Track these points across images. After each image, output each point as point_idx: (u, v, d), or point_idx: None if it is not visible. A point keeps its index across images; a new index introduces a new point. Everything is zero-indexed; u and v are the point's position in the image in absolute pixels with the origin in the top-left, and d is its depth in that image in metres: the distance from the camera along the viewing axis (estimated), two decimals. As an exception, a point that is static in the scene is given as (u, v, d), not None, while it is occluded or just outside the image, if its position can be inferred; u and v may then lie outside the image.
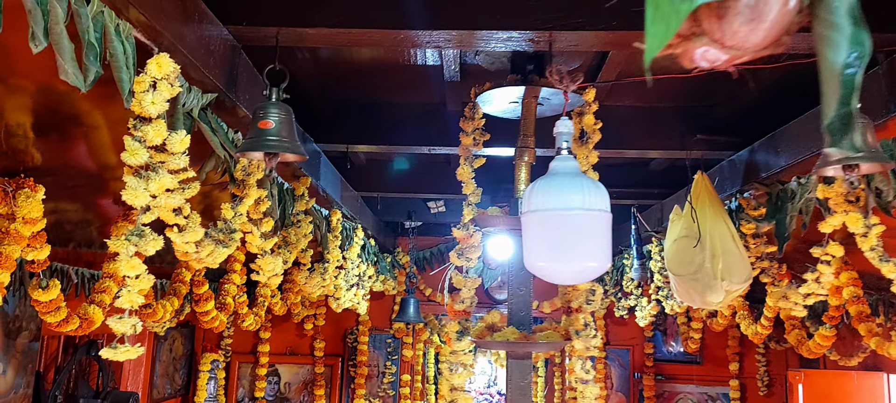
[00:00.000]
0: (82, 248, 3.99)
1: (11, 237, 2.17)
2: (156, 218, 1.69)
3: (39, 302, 2.45)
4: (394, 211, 5.81)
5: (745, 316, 5.08)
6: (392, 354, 6.75)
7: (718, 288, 2.97)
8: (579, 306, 2.49)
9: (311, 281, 3.32)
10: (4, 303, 3.59)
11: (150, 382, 5.59)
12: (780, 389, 6.62)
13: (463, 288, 2.53)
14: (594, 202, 1.83)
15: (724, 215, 3.08)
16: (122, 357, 1.52)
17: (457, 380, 2.47)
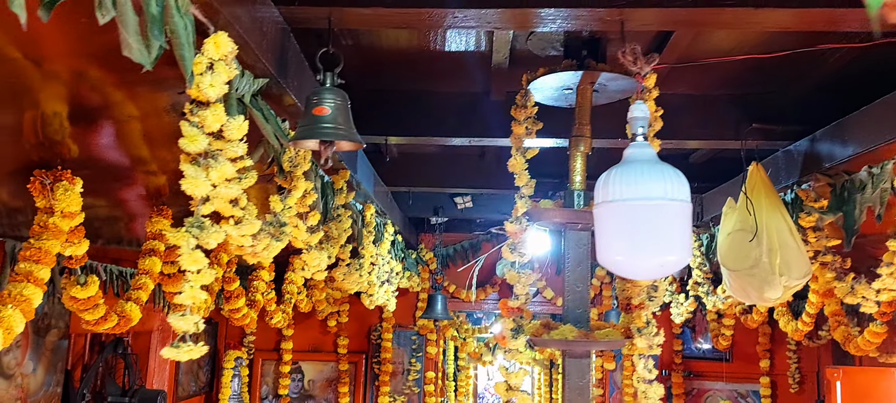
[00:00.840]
0: (110, 245, 3.91)
1: (50, 231, 2.08)
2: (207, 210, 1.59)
3: (77, 299, 2.36)
4: (419, 207, 5.70)
5: (783, 313, 4.95)
6: (416, 351, 6.65)
7: (777, 284, 2.84)
8: (641, 302, 2.37)
9: (350, 278, 3.22)
10: (33, 301, 3.51)
11: (175, 380, 5.52)
12: (811, 386, 6.47)
13: (517, 284, 2.42)
14: (676, 191, 1.72)
15: (781, 208, 2.95)
16: (184, 356, 1.42)
17: (514, 379, 2.36)
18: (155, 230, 2.84)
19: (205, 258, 1.43)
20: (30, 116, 2.11)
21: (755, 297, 2.92)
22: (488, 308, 6.95)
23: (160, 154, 2.64)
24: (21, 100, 2.00)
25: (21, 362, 3.52)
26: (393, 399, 6.55)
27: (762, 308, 5.23)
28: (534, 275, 2.44)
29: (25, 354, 3.55)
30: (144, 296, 2.73)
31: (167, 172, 2.84)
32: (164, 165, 2.75)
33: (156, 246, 2.82)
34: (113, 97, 2.03)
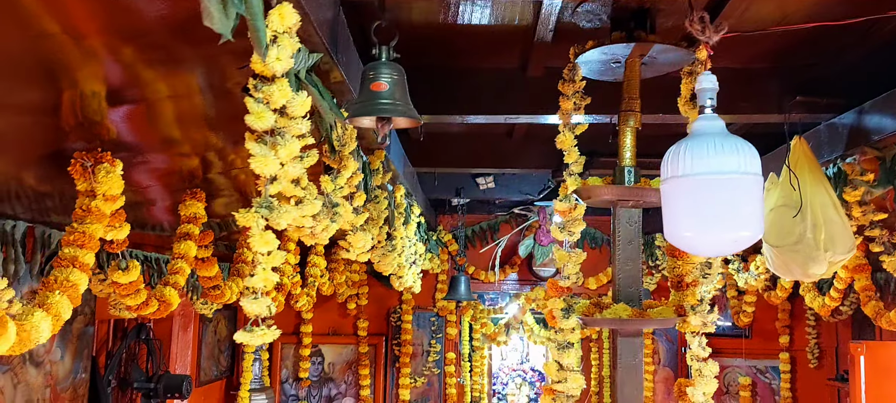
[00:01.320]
0: (133, 230, 3.86)
1: (93, 215, 2.03)
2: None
3: (119, 284, 2.31)
4: (441, 189, 5.65)
5: (809, 289, 4.90)
6: (436, 332, 6.63)
7: (821, 260, 2.79)
8: (694, 280, 2.32)
9: (386, 259, 3.18)
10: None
11: (197, 365, 5.50)
12: (830, 362, 6.45)
13: (568, 263, 2.37)
14: (749, 164, 1.66)
15: (824, 182, 2.89)
16: (257, 340, 1.38)
17: (566, 359, 2.31)
18: (189, 213, 2.79)
19: (275, 239, 1.38)
20: (68, 96, 2.06)
21: (799, 273, 2.87)
22: (508, 288, 6.92)
23: (192, 135, 2.59)
24: (57, 79, 1.94)
25: (49, 349, 3.49)
26: (413, 381, 6.54)
27: (787, 284, 5.18)
28: (584, 254, 2.39)
29: (53, 341, 3.53)
30: (182, 281, 2.69)
31: (200, 154, 2.79)
32: (197, 147, 2.70)
33: (190, 230, 2.78)
34: (142, 77, 1.97)
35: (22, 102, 1.92)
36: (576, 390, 2.30)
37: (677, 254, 2.40)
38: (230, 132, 2.54)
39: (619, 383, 2.28)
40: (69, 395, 3.66)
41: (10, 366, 3.17)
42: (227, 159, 2.88)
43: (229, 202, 3.52)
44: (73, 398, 3.70)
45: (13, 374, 3.20)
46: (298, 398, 6.50)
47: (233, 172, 3.09)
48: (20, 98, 1.92)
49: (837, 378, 6.23)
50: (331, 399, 6.59)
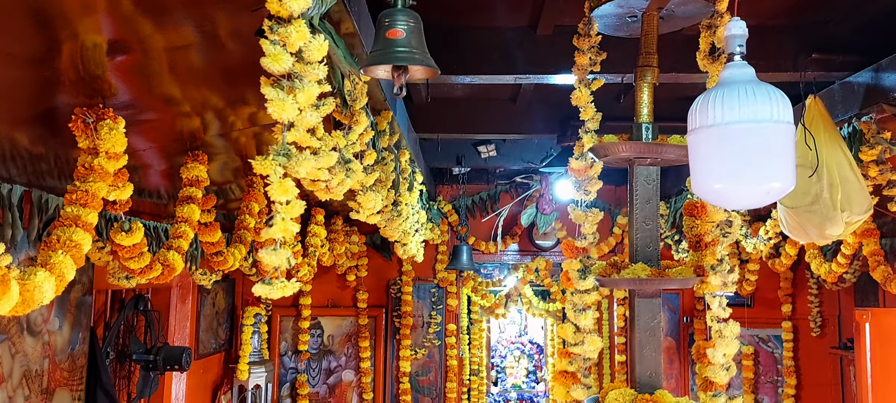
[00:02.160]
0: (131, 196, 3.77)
1: (96, 173, 1.95)
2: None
3: (122, 246, 2.24)
4: (442, 157, 5.57)
5: (815, 255, 4.88)
6: (436, 304, 6.59)
7: (838, 220, 2.75)
8: (714, 239, 2.26)
9: (392, 224, 3.11)
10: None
11: (195, 337, 5.45)
12: (832, 329, 6.46)
13: (585, 223, 2.31)
14: (782, 113, 1.59)
15: (840, 142, 2.84)
16: (277, 293, 1.31)
17: (583, 321, 2.26)
18: (191, 176, 2.72)
19: (294, 188, 1.31)
20: (66, 48, 1.97)
21: (815, 235, 2.83)
22: (508, 259, 6.87)
23: (192, 93, 2.50)
24: (53, 28, 1.85)
25: (47, 318, 3.42)
26: (414, 352, 6.52)
27: (791, 251, 5.16)
28: (600, 214, 2.32)
29: (51, 310, 3.46)
30: (185, 245, 2.62)
31: (199, 113, 2.70)
32: (196, 106, 2.61)
33: (193, 193, 2.70)
34: (141, 31, 1.88)
35: (16, 52, 1.83)
36: (593, 352, 2.25)
37: (696, 213, 2.35)
38: (230, 90, 2.47)
39: (637, 345, 2.23)
40: (68, 366, 3.61)
41: (7, 336, 3.11)
42: (227, 121, 2.80)
43: (225, 168, 3.45)
44: (71, 368, 3.64)
45: (10, 344, 3.13)
46: (298, 370, 6.47)
47: (233, 135, 3.01)
48: (14, 48, 1.83)
49: (840, 346, 6.24)
50: (330, 371, 6.57)
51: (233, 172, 3.59)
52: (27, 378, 3.25)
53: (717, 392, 2.18)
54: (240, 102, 2.65)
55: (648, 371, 2.23)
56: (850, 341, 6.00)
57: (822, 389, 6.41)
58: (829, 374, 6.42)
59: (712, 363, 2.18)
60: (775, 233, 3.99)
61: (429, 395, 6.50)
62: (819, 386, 6.41)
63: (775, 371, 6.55)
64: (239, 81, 2.42)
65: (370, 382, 6.43)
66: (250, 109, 2.69)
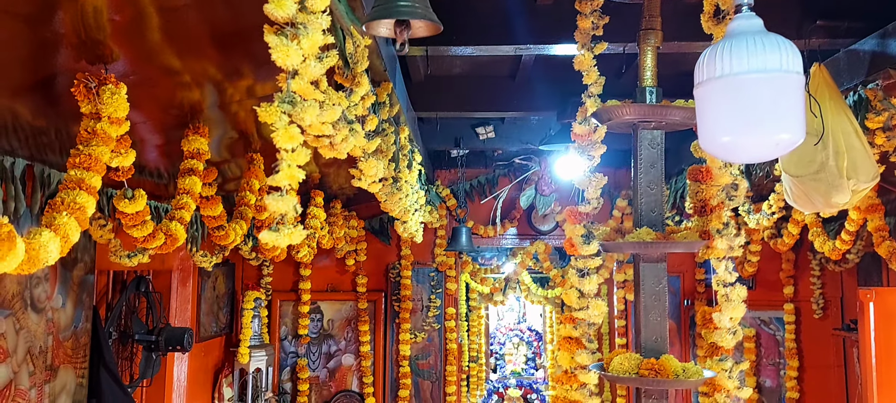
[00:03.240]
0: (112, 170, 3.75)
1: (99, 137, 1.94)
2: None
3: (125, 214, 2.23)
4: (440, 139, 5.55)
5: (818, 233, 4.87)
6: (436, 287, 6.59)
7: (844, 188, 2.74)
8: (719, 203, 2.25)
9: (393, 198, 3.10)
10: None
11: (196, 320, 5.44)
12: (834, 311, 6.47)
13: (588, 188, 2.30)
14: (792, 63, 1.58)
15: (845, 109, 2.83)
16: (284, 241, 1.30)
17: (587, 286, 2.26)
18: (192, 149, 2.70)
19: (299, 134, 1.30)
20: (68, 9, 1.95)
21: (821, 203, 2.82)
22: (507, 243, 6.86)
23: (192, 64, 2.49)
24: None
25: (50, 295, 3.41)
26: (414, 336, 6.51)
27: (794, 230, 5.16)
28: (604, 179, 2.32)
29: (54, 288, 3.45)
30: (187, 216, 2.61)
31: (200, 85, 2.69)
32: (197, 76, 2.60)
33: (194, 165, 2.68)
34: None
35: (14, 10, 1.81)
36: (598, 317, 2.25)
37: (701, 178, 2.34)
38: (228, 59, 2.45)
39: (643, 310, 2.23)
40: (71, 344, 3.60)
41: (11, 311, 3.10)
42: (226, 93, 2.78)
43: (223, 146, 3.43)
44: (75, 346, 3.63)
45: (15, 320, 3.12)
46: (298, 354, 6.47)
47: (231, 108, 2.99)
48: (12, 5, 1.81)
49: (843, 328, 6.24)
50: (330, 355, 6.57)
51: (230, 149, 3.57)
52: (32, 355, 3.25)
53: (724, 357, 2.18)
54: (236, 75, 2.64)
55: (654, 336, 2.22)
56: (854, 322, 6.01)
57: (824, 371, 6.42)
58: (831, 356, 6.42)
59: (718, 327, 2.17)
60: (779, 208, 3.98)
61: (429, 378, 6.51)
62: (821, 368, 6.42)
63: (777, 354, 6.56)
64: (237, 50, 2.40)
65: (370, 366, 6.43)
66: (247, 82, 2.67)
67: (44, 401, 3.36)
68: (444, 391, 6.48)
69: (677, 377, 2.07)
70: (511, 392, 9.60)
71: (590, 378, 2.21)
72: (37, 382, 3.29)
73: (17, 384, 3.16)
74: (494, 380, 10.15)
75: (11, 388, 3.12)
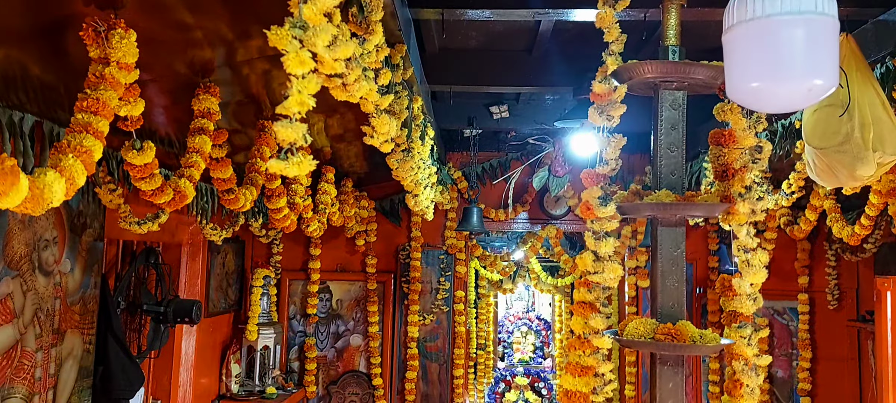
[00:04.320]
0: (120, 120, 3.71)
1: (107, 82, 1.89)
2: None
3: (134, 165, 2.19)
4: (452, 116, 5.49)
5: (836, 219, 4.78)
6: (445, 270, 6.54)
7: (870, 160, 2.66)
8: (744, 165, 2.19)
9: (405, 166, 3.05)
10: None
11: (206, 295, 5.42)
12: (849, 302, 6.37)
13: (607, 147, 2.24)
14: (826, 5, 1.51)
15: (873, 81, 2.74)
16: (292, 170, 1.25)
17: (603, 249, 2.20)
18: (202, 108, 2.66)
19: (310, 60, 1.25)
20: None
21: (845, 176, 2.74)
22: (518, 227, 6.80)
23: (204, 22, 2.44)
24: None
25: (58, 259, 3.39)
26: (422, 318, 6.47)
27: (811, 216, 5.07)
28: (624, 139, 2.25)
29: (63, 252, 3.42)
30: (197, 174, 2.57)
31: (213, 44, 2.64)
32: (209, 35, 2.55)
33: (204, 124, 2.64)
34: None
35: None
36: (613, 280, 2.19)
37: (723, 142, 2.27)
38: (238, 18, 2.41)
39: (660, 275, 2.17)
40: (79, 309, 3.58)
41: (18, 272, 3.07)
42: (236, 52, 2.74)
43: (231, 114, 3.39)
44: (82, 312, 3.61)
45: (22, 280, 3.10)
46: (306, 333, 6.45)
47: (244, 71, 2.95)
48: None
49: (859, 319, 6.15)
50: (339, 335, 6.54)
51: (240, 118, 3.53)
52: (38, 317, 3.23)
53: (743, 324, 2.11)
54: (245, 36, 2.59)
55: (671, 302, 2.16)
56: (869, 314, 5.91)
57: (838, 363, 6.32)
58: (845, 348, 6.33)
59: (739, 293, 2.11)
60: (798, 187, 3.90)
61: (437, 361, 6.47)
62: (835, 360, 6.32)
63: (790, 344, 6.47)
64: (247, 11, 2.36)
65: (378, 346, 6.40)
66: (258, 42, 2.63)
67: (50, 365, 3.34)
68: (451, 373, 6.44)
69: (694, 342, 2.01)
70: (519, 380, 9.55)
71: (604, 343, 2.16)
72: (43, 345, 3.27)
73: (24, 345, 3.14)
74: (502, 368, 10.11)
75: (18, 349, 3.10)
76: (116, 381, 3.82)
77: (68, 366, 3.50)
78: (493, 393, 9.57)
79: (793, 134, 3.61)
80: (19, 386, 3.11)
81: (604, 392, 2.16)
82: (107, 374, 3.81)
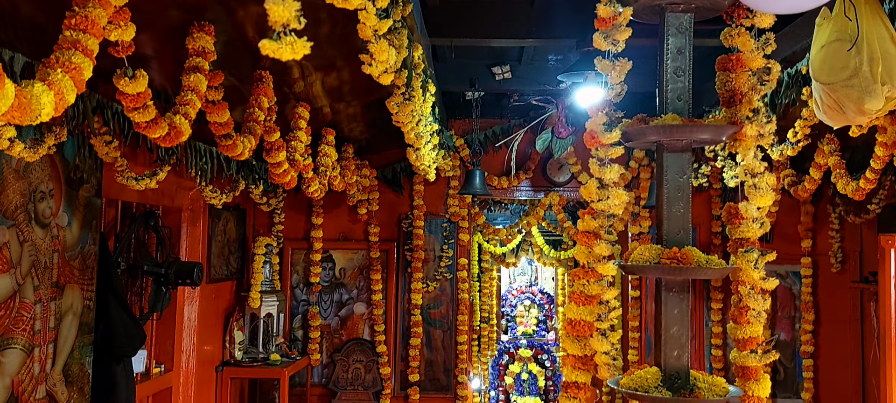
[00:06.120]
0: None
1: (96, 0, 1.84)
2: None
3: (126, 95, 2.14)
4: (454, 77, 5.42)
5: (841, 175, 4.73)
6: (448, 238, 6.51)
7: (878, 93, 2.60)
8: (750, 87, 2.13)
9: (405, 110, 3.00)
10: (63, 147, 3.32)
11: (207, 261, 5.40)
12: (853, 265, 6.34)
13: (612, 73, 2.18)
14: None
15: (882, 15, 2.68)
16: (286, 52, 1.20)
17: (608, 175, 2.15)
18: (197, 46, 2.60)
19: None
20: None
21: (852, 110, 2.68)
22: (521, 194, 6.75)
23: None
24: None
25: (55, 212, 3.36)
26: (426, 286, 6.45)
27: (816, 175, 5.02)
28: (629, 63, 2.20)
29: (60, 205, 3.39)
30: (193, 112, 2.52)
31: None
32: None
33: (199, 63, 2.59)
34: None
35: None
36: (618, 207, 2.14)
37: (730, 67, 2.22)
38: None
39: (665, 202, 2.12)
40: (79, 264, 3.55)
41: (14, 222, 3.04)
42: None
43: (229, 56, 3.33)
44: (82, 267, 3.58)
45: (18, 230, 3.07)
46: (309, 302, 6.43)
47: (238, 14, 2.90)
48: None
49: (862, 280, 6.12)
50: (342, 303, 6.52)
51: (238, 74, 3.48)
52: (36, 269, 3.20)
53: (750, 248, 2.07)
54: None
55: (677, 229, 2.12)
56: (872, 275, 5.87)
57: (841, 325, 6.31)
58: (848, 310, 6.31)
59: (745, 216, 2.06)
60: (804, 135, 3.84)
61: (440, 327, 6.45)
62: (838, 322, 6.31)
63: (792, 307, 6.45)
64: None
65: (382, 314, 6.39)
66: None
67: (50, 318, 3.32)
68: (455, 340, 6.43)
69: (700, 266, 1.97)
70: (522, 352, 9.55)
71: (608, 270, 2.12)
72: (42, 297, 3.25)
73: (22, 296, 3.11)
74: (505, 341, 10.11)
75: (16, 300, 3.07)
76: (118, 338, 3.79)
77: (68, 321, 3.47)
78: (496, 365, 9.58)
79: (799, 81, 3.55)
80: (19, 337, 3.09)
81: (608, 318, 2.12)
82: (108, 331, 3.78)
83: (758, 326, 2.08)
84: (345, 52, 3.70)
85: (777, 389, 6.28)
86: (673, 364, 2.06)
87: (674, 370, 2.05)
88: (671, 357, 2.06)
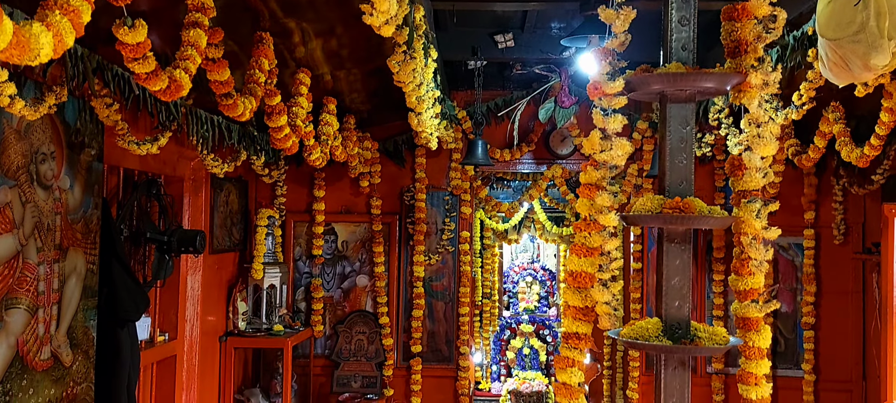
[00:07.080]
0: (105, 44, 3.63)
1: (94, -57, 1.82)
2: None
3: (126, 45, 2.13)
4: (455, 45, 5.38)
5: (846, 142, 4.71)
6: (450, 211, 6.51)
7: (885, 49, 2.58)
8: (756, 36, 2.11)
9: (406, 69, 2.98)
10: (64, 109, 3.31)
11: (210, 231, 5.40)
12: (855, 237, 6.32)
13: (615, 22, 2.16)
14: None
15: (888, -32, 2.65)
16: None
17: (611, 125, 2.14)
18: (197, 2, 2.58)
19: None
20: None
21: (859, 66, 2.66)
22: (523, 167, 6.74)
23: None
24: None
25: (57, 175, 3.36)
26: (428, 259, 6.46)
27: (820, 143, 5.00)
28: (633, 12, 2.17)
29: (61, 168, 3.39)
30: (193, 67, 2.51)
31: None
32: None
33: (199, 19, 2.58)
34: None
35: None
36: (621, 158, 2.13)
37: (736, 16, 2.19)
38: None
39: (668, 154, 2.11)
40: (81, 228, 3.55)
41: (16, 182, 3.04)
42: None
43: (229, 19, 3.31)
44: (84, 232, 3.59)
45: (20, 191, 3.07)
46: (312, 275, 6.45)
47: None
48: None
49: (864, 251, 6.11)
50: (345, 276, 6.54)
51: (237, 40, 3.46)
52: (39, 231, 3.20)
53: (753, 199, 2.06)
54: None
55: (680, 180, 2.11)
56: (875, 245, 5.87)
57: (842, 297, 6.30)
58: (850, 282, 6.30)
59: (748, 166, 2.05)
60: (809, 97, 3.82)
61: (442, 299, 6.47)
62: (840, 294, 6.30)
63: (794, 279, 6.44)
64: None
65: (384, 286, 6.40)
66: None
67: (53, 280, 3.33)
68: (457, 311, 6.45)
69: (702, 215, 1.96)
70: (523, 328, 9.57)
71: (610, 220, 2.11)
72: (46, 259, 3.26)
73: (25, 257, 3.12)
74: (507, 317, 10.14)
75: (19, 260, 3.08)
76: (122, 302, 3.81)
77: (72, 284, 3.48)
78: (498, 340, 9.63)
79: (804, 43, 3.52)
80: (23, 297, 3.10)
81: (610, 269, 2.12)
82: (112, 295, 3.80)
83: (759, 277, 2.07)
84: (345, 15, 3.68)
85: (777, 360, 6.30)
86: (674, 315, 2.06)
87: (675, 320, 2.06)
88: (672, 307, 2.06)
